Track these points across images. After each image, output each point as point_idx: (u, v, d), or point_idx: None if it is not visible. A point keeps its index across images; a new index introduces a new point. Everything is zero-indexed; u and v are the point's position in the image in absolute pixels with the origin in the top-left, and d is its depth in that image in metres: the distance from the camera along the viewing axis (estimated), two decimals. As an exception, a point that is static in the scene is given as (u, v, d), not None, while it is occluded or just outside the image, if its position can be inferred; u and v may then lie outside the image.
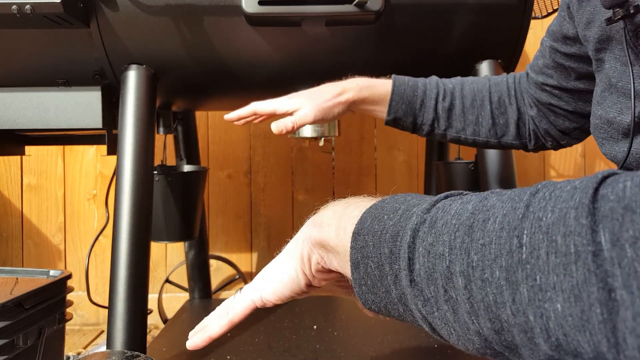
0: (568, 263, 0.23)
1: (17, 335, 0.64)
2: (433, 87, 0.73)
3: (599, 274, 0.22)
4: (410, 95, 0.72)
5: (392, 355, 0.92)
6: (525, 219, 0.26)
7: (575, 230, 0.23)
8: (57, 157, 1.58)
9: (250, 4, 0.81)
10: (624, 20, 0.44)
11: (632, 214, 0.22)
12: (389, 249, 0.32)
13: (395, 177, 1.62)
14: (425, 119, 0.72)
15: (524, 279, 0.25)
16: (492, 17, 0.89)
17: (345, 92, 0.71)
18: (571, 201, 0.24)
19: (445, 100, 0.72)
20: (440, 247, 0.29)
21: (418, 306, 0.31)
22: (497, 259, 0.26)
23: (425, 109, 0.72)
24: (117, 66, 0.90)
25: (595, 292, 0.22)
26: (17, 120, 0.94)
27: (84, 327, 1.59)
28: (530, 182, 1.63)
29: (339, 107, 0.71)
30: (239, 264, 1.61)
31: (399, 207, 0.35)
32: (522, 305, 0.25)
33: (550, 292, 0.24)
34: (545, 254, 0.24)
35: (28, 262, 1.58)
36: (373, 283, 0.34)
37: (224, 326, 0.44)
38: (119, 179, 0.84)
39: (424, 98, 0.72)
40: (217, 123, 1.60)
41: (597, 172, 0.26)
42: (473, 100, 0.72)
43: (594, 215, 0.23)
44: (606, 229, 0.22)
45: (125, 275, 0.80)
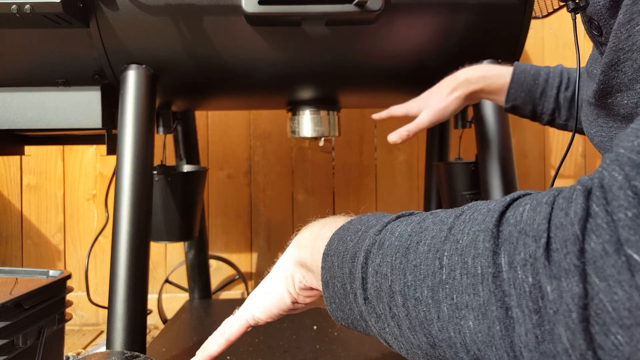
0: (476, 284, 0.25)
1: (17, 335, 0.64)
2: (556, 76, 0.72)
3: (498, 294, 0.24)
4: (531, 83, 0.71)
5: (392, 356, 0.91)
6: (446, 241, 0.28)
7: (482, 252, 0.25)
8: (57, 157, 1.58)
9: (250, 3, 0.81)
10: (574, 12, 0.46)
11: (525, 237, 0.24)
12: (349, 269, 0.35)
13: (395, 177, 1.62)
14: (546, 109, 0.71)
15: (444, 298, 0.27)
16: (493, 16, 0.89)
17: (458, 87, 0.74)
18: (482, 224, 0.26)
19: (568, 90, 0.70)
20: (384, 267, 0.31)
21: (372, 322, 0.33)
22: (425, 279, 0.28)
23: (546, 98, 0.71)
24: (116, 66, 0.90)
25: (495, 310, 0.24)
26: (17, 120, 0.94)
27: (84, 327, 1.59)
28: (530, 182, 1.63)
29: (455, 103, 0.74)
30: (238, 264, 1.61)
31: (360, 228, 0.37)
32: (445, 322, 0.27)
33: (464, 310, 0.26)
34: (460, 275, 0.26)
35: (27, 262, 1.58)
36: (340, 301, 0.37)
37: (221, 345, 0.47)
38: (118, 179, 0.84)
39: (545, 87, 0.71)
40: (217, 123, 1.60)
41: (511, 193, 0.28)
42: None
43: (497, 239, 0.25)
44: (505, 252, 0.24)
45: (124, 276, 0.80)
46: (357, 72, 0.97)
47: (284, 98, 1.09)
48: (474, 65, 0.76)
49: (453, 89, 0.74)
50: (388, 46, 0.91)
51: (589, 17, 0.43)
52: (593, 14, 0.42)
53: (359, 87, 1.04)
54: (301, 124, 1.09)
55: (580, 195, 0.23)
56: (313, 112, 1.09)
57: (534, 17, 1.03)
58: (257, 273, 1.62)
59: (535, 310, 0.22)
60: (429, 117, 0.75)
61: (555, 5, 1.08)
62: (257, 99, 1.13)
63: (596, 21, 0.42)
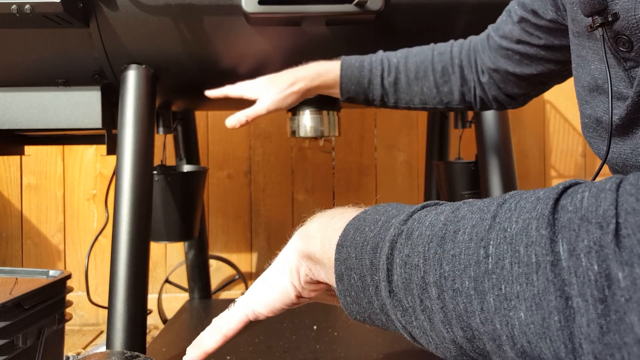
0: (530, 273, 0.24)
1: (17, 335, 0.64)
2: (378, 65, 0.77)
3: (557, 283, 0.23)
4: (358, 75, 0.77)
5: (392, 356, 0.91)
6: (491, 230, 0.27)
7: (536, 240, 0.24)
8: (57, 157, 1.58)
9: (250, 3, 0.81)
10: (603, 28, 0.45)
11: (588, 224, 0.23)
12: (370, 260, 0.33)
13: (396, 177, 1.62)
14: (375, 95, 0.77)
15: (490, 289, 0.26)
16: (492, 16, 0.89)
17: (297, 82, 0.77)
18: (534, 212, 0.25)
19: (390, 76, 0.76)
20: (415, 258, 0.30)
21: (398, 316, 0.32)
22: (466, 269, 0.27)
23: (373, 87, 0.77)
24: (116, 66, 0.90)
25: (553, 300, 0.23)
26: (17, 120, 0.94)
27: (84, 327, 1.59)
28: (530, 182, 1.63)
29: (293, 96, 0.78)
30: (238, 264, 1.61)
31: (379, 218, 0.35)
32: (490, 314, 0.26)
33: (514, 301, 0.24)
34: (509, 264, 0.25)
35: (27, 262, 1.58)
36: (356, 294, 0.35)
37: (218, 341, 0.44)
38: (118, 179, 0.84)
39: (370, 77, 0.77)
40: (217, 123, 1.60)
41: (560, 182, 0.27)
42: (417, 72, 0.75)
43: (553, 226, 0.24)
44: (564, 239, 0.23)
45: (124, 276, 0.80)
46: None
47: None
48: (309, 63, 0.80)
49: (291, 83, 0.77)
50: (388, 46, 0.91)
51: (617, 32, 0.42)
52: (624, 29, 0.41)
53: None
54: (301, 124, 1.09)
55: None
56: (313, 112, 1.09)
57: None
58: (257, 273, 1.62)
59: (601, 299, 0.21)
60: (268, 106, 0.77)
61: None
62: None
63: (627, 36, 0.41)
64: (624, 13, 0.41)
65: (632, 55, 0.42)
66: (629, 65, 0.44)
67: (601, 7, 0.43)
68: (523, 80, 0.70)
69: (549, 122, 1.65)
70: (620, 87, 0.47)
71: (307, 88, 0.78)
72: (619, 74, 0.47)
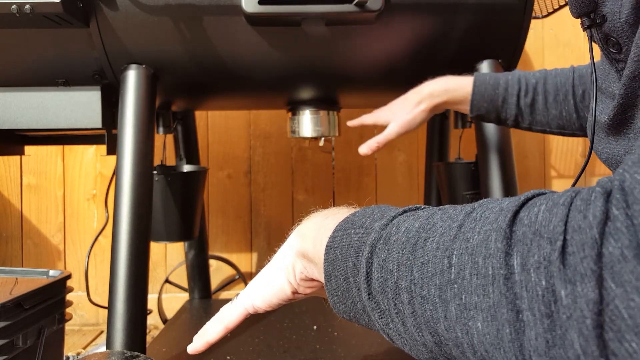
0: (486, 284, 0.25)
1: (17, 335, 0.64)
2: (515, 83, 0.74)
3: (509, 296, 0.23)
4: (491, 93, 0.74)
5: (392, 356, 0.91)
6: (456, 240, 0.27)
7: (494, 253, 0.25)
8: (57, 157, 1.58)
9: (250, 3, 0.81)
10: (591, 29, 0.45)
11: (540, 239, 0.23)
12: (353, 262, 0.34)
13: (396, 177, 1.62)
14: (509, 115, 0.74)
15: (452, 298, 0.26)
16: (493, 16, 0.89)
17: (423, 100, 0.77)
18: (495, 223, 0.26)
19: (527, 97, 0.73)
20: (390, 263, 0.31)
21: (376, 317, 0.33)
22: (432, 278, 0.28)
23: (508, 106, 0.74)
24: (116, 66, 0.90)
25: (505, 313, 0.23)
26: (17, 120, 0.94)
27: (84, 327, 1.59)
28: (530, 182, 1.63)
29: (421, 115, 0.78)
30: (238, 264, 1.61)
31: (365, 221, 0.36)
32: (452, 322, 0.26)
33: (473, 311, 0.25)
34: (469, 275, 0.26)
35: (27, 262, 1.58)
36: (342, 294, 0.36)
37: (220, 332, 0.46)
38: (118, 179, 0.84)
39: (505, 95, 0.74)
40: (217, 123, 1.60)
41: (525, 192, 0.27)
42: (556, 95, 0.72)
43: (510, 239, 0.24)
44: (518, 253, 0.24)
45: (124, 276, 0.80)
46: (357, 72, 0.97)
47: (284, 98, 1.09)
48: (437, 78, 0.79)
49: (418, 102, 0.78)
50: (388, 46, 0.91)
51: (606, 34, 0.43)
52: (611, 31, 0.41)
53: (359, 87, 1.04)
54: (301, 124, 1.09)
55: (599, 198, 0.22)
56: (313, 112, 1.09)
57: (534, 17, 1.03)
58: (257, 273, 1.61)
59: (547, 314, 0.22)
60: (397, 129, 0.79)
61: (555, 5, 1.08)
62: (257, 99, 1.13)
63: (614, 38, 0.41)
64: (610, 15, 0.41)
65: (621, 57, 0.43)
66: (620, 67, 0.45)
67: (589, 9, 0.44)
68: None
69: (549, 122, 1.65)
70: (614, 87, 0.47)
71: (435, 105, 0.78)
72: (612, 74, 0.47)
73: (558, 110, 0.72)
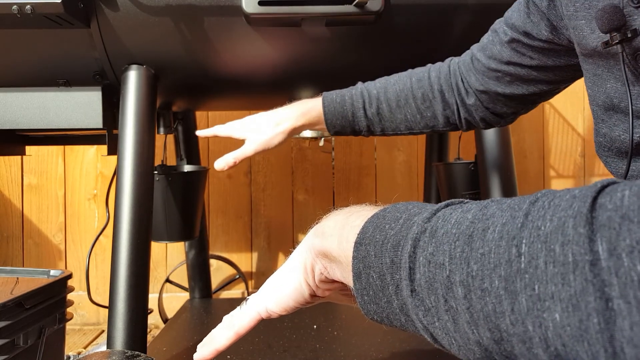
0: (566, 272, 0.23)
1: (18, 334, 0.64)
2: (359, 97, 0.78)
3: (596, 283, 0.22)
4: (340, 110, 0.78)
5: (392, 355, 0.92)
6: (524, 228, 0.26)
7: (573, 239, 0.23)
8: (58, 157, 1.58)
9: (250, 4, 0.81)
10: (622, 45, 0.44)
11: (630, 223, 0.22)
12: (390, 258, 0.32)
13: (395, 177, 1.62)
14: (362, 127, 0.79)
15: (522, 289, 0.25)
16: (492, 17, 0.89)
17: (282, 122, 0.79)
18: (570, 210, 0.24)
19: (372, 107, 0.77)
20: (440, 256, 0.29)
21: (419, 316, 0.31)
22: (496, 269, 0.26)
23: (357, 119, 0.79)
24: (117, 66, 0.90)
25: (592, 301, 0.22)
26: (18, 120, 0.94)
27: (85, 327, 1.59)
28: (530, 182, 1.63)
29: (279, 137, 0.80)
30: (239, 263, 1.61)
31: (400, 215, 0.34)
32: (521, 314, 0.25)
33: (549, 302, 0.23)
34: (544, 263, 0.24)
35: (28, 262, 1.59)
36: (375, 293, 0.34)
37: (230, 338, 0.44)
38: (119, 179, 0.84)
39: (353, 110, 0.78)
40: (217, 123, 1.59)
41: (597, 181, 0.26)
42: (397, 100, 0.76)
43: (591, 225, 0.23)
44: (604, 238, 0.22)
45: (125, 275, 0.81)
46: (357, 72, 0.97)
47: (284, 98, 1.09)
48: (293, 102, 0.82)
49: (276, 124, 0.79)
50: (387, 47, 0.92)
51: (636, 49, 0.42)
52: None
53: (359, 87, 1.04)
54: (301, 124, 1.09)
55: None
56: (313, 112, 1.09)
57: (534, 17, 1.03)
58: (257, 272, 1.62)
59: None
60: (255, 147, 0.80)
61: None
62: (257, 99, 1.13)
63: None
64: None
65: None
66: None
67: (620, 23, 0.43)
68: (513, 100, 0.70)
69: (548, 123, 1.66)
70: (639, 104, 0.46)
71: (293, 127, 0.80)
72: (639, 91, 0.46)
73: (402, 115, 0.77)
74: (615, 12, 0.44)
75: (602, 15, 0.45)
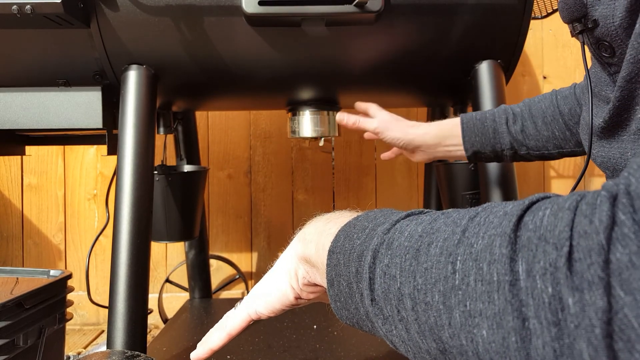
0: (491, 291, 0.24)
1: (18, 335, 0.64)
2: (501, 114, 0.75)
3: (514, 303, 0.23)
4: (480, 126, 0.75)
5: (392, 355, 0.92)
6: (460, 245, 0.27)
7: (498, 258, 0.24)
8: (58, 157, 1.58)
9: (250, 4, 0.81)
10: (584, 35, 0.45)
11: (545, 244, 0.22)
12: (355, 268, 0.34)
13: (395, 178, 1.62)
14: (504, 144, 0.74)
15: (456, 304, 0.26)
16: (492, 17, 0.89)
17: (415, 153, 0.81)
18: (499, 228, 0.25)
19: (517, 123, 0.73)
20: (393, 268, 0.30)
21: (379, 324, 0.32)
22: (436, 284, 0.27)
23: (500, 135, 0.74)
24: (117, 66, 0.90)
25: (511, 320, 0.23)
26: (18, 120, 0.94)
27: (85, 327, 1.59)
28: (530, 182, 1.63)
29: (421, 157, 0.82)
30: (239, 263, 1.61)
31: (367, 225, 0.36)
32: (456, 329, 0.26)
33: (478, 319, 0.25)
34: (474, 281, 0.25)
35: (28, 262, 1.59)
36: (345, 300, 0.36)
37: (223, 338, 0.46)
38: (119, 179, 0.84)
39: (494, 126, 0.74)
40: (217, 123, 1.60)
41: (529, 196, 0.26)
42: (544, 117, 0.72)
43: (514, 244, 0.24)
44: (523, 259, 0.23)
45: (125, 275, 0.81)
46: (357, 72, 0.97)
47: (284, 98, 1.09)
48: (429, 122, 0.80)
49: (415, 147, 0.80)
50: (387, 47, 0.92)
51: (598, 39, 0.43)
52: (604, 36, 0.41)
53: (359, 87, 1.04)
54: (301, 124, 1.10)
55: (605, 202, 0.21)
56: (313, 112, 1.09)
57: (533, 17, 1.03)
58: (257, 272, 1.62)
59: (555, 322, 0.21)
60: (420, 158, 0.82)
61: (555, 6, 1.08)
62: (257, 99, 1.13)
63: (607, 42, 0.41)
64: (602, 20, 0.41)
65: (614, 60, 0.43)
66: (612, 70, 0.45)
67: (580, 14, 0.44)
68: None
69: (548, 122, 1.65)
70: (607, 91, 0.47)
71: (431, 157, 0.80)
72: (604, 78, 0.47)
73: (550, 132, 0.72)
74: (576, 3, 0.44)
75: (563, 6, 0.46)
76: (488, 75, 0.93)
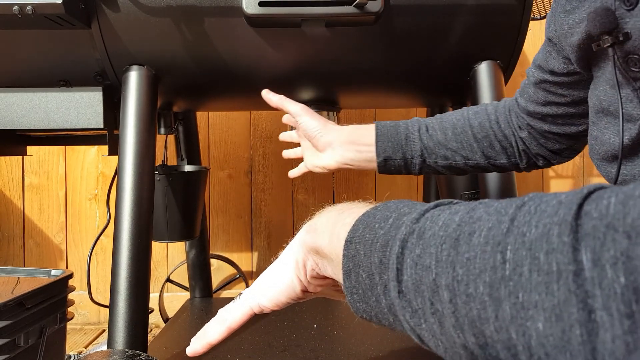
0: (550, 282, 0.23)
1: (19, 334, 0.64)
2: (414, 123, 0.76)
3: (579, 294, 0.22)
4: (394, 133, 0.75)
5: (392, 355, 0.92)
6: (509, 234, 0.25)
7: (558, 247, 0.23)
8: (59, 157, 1.58)
9: (250, 5, 0.82)
10: (613, 48, 0.44)
11: (615, 233, 0.21)
12: (379, 258, 0.32)
13: (395, 177, 1.62)
14: (414, 151, 0.74)
15: (506, 296, 0.24)
16: (491, 18, 0.90)
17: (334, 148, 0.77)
18: (555, 217, 0.24)
19: (429, 131, 0.74)
20: (427, 259, 0.29)
21: (406, 317, 0.31)
22: (481, 274, 0.26)
23: (411, 142, 0.74)
24: (118, 67, 0.91)
25: (575, 312, 0.22)
26: (19, 120, 0.95)
27: (85, 326, 1.59)
28: (528, 183, 1.63)
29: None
30: (239, 263, 1.61)
31: (390, 215, 0.34)
32: (505, 322, 0.24)
33: (532, 311, 0.23)
34: (528, 272, 0.24)
35: (29, 261, 1.59)
36: (364, 292, 0.34)
37: (222, 332, 0.44)
38: (120, 179, 0.85)
39: (407, 133, 0.75)
40: (218, 123, 1.60)
41: (584, 186, 0.25)
42: (454, 128, 0.74)
43: (576, 233, 0.23)
44: (588, 248, 0.22)
45: (126, 275, 0.81)
46: (357, 73, 0.97)
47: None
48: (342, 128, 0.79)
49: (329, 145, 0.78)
50: (387, 47, 0.92)
51: (627, 52, 0.42)
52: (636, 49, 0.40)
53: (359, 88, 1.04)
54: (301, 124, 1.10)
55: None
56: (313, 113, 1.09)
57: (532, 18, 1.04)
58: (257, 272, 1.63)
59: (628, 314, 0.20)
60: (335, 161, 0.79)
61: (555, 6, 1.08)
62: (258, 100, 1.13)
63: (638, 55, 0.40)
64: (636, 32, 0.40)
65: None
66: (638, 85, 0.44)
67: (612, 27, 0.43)
68: (563, 137, 0.67)
69: (548, 122, 1.65)
70: (629, 107, 0.46)
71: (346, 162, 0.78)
72: (628, 94, 0.46)
73: (459, 142, 0.73)
74: (607, 15, 0.43)
75: (595, 17, 0.44)
76: (487, 75, 0.93)
